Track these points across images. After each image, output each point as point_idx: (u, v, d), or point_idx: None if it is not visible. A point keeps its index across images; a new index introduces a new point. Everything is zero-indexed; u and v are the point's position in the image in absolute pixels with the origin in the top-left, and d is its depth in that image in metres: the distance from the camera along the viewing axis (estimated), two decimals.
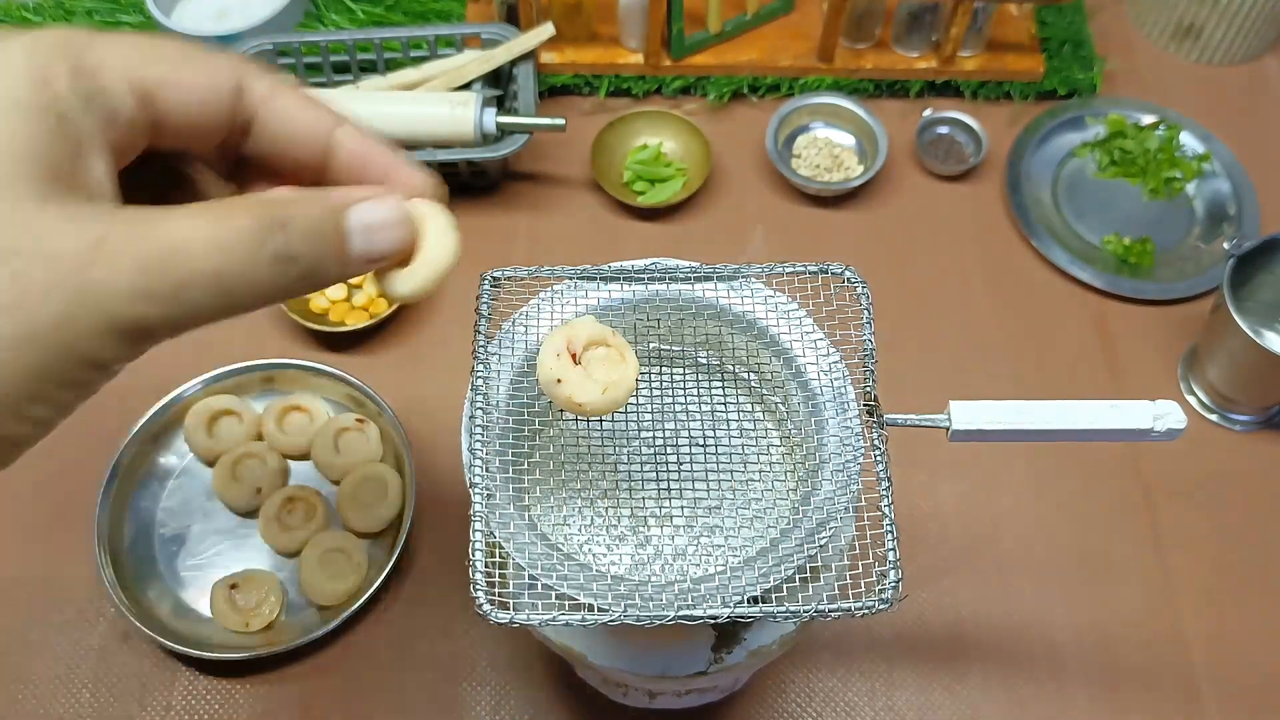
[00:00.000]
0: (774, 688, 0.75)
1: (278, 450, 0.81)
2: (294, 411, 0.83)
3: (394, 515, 0.78)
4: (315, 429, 0.82)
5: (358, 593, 0.75)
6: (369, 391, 0.82)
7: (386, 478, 0.79)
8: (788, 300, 0.56)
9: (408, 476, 0.79)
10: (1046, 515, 0.81)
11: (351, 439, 0.82)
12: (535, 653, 0.76)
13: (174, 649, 0.73)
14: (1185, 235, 0.96)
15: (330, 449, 0.81)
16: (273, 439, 0.81)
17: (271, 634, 0.75)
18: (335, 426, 0.82)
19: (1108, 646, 0.76)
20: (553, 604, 0.46)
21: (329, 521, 0.79)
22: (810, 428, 0.53)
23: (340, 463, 0.80)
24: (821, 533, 0.48)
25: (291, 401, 0.83)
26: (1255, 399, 0.83)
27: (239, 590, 0.75)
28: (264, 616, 0.75)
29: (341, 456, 0.81)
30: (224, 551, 0.79)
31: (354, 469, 0.79)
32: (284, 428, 0.82)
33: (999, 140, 0.99)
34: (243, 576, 0.76)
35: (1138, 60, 1.07)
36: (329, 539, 0.77)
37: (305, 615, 0.76)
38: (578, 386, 0.48)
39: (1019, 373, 0.88)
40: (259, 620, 0.75)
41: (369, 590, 0.74)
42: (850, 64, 1.01)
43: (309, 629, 0.74)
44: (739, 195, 0.97)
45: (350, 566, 0.76)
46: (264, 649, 0.73)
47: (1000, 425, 0.50)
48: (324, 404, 0.84)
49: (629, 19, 0.98)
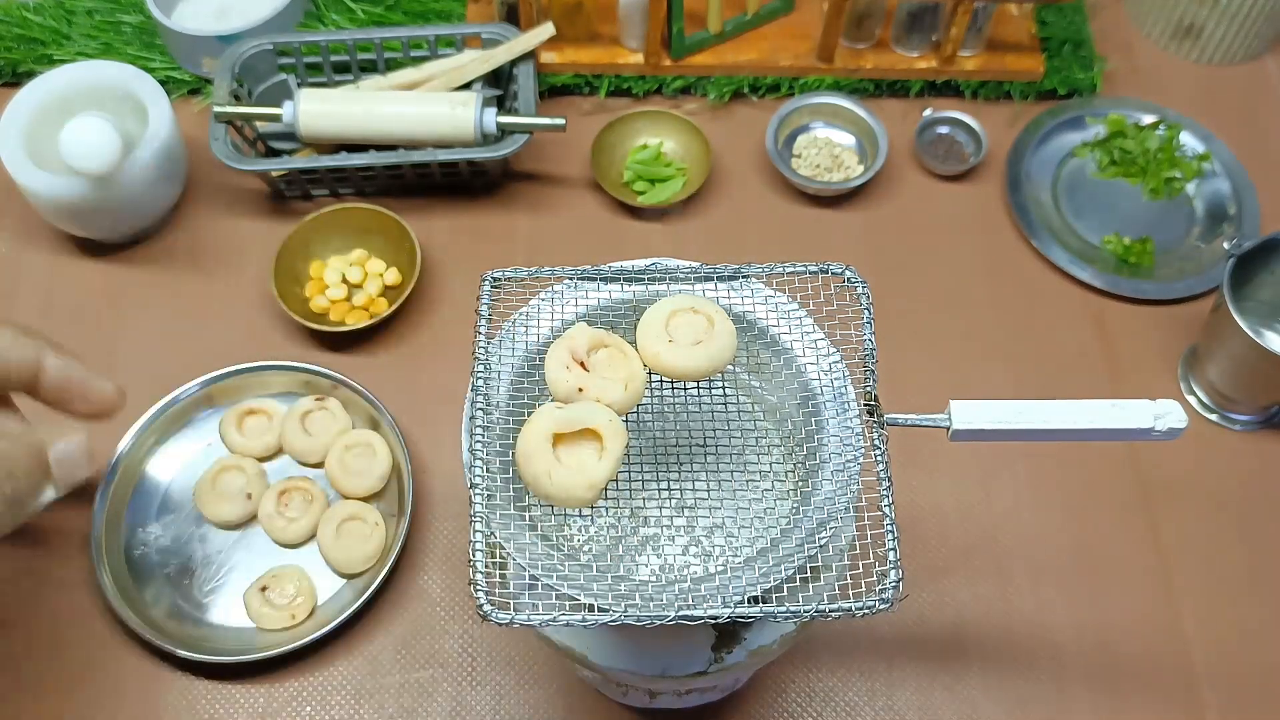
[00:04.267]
0: (774, 688, 0.75)
1: (248, 455, 0.81)
2: (249, 416, 0.83)
3: (388, 469, 0.79)
4: (278, 424, 0.82)
5: (387, 551, 0.76)
6: (317, 370, 0.83)
7: (368, 439, 0.80)
8: (788, 300, 0.56)
9: (386, 433, 0.80)
10: (1046, 515, 0.81)
11: (318, 419, 0.82)
12: (535, 652, 0.76)
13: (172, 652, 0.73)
14: (1185, 235, 0.96)
15: (301, 434, 0.81)
16: (239, 446, 0.81)
17: (315, 620, 0.75)
18: (298, 413, 0.82)
19: (1108, 646, 0.76)
20: (553, 604, 0.47)
21: (330, 499, 0.80)
22: (810, 428, 0.53)
23: (317, 444, 0.80)
24: (822, 533, 0.48)
25: (244, 407, 0.83)
26: (1255, 399, 0.83)
27: (271, 589, 0.76)
28: (305, 605, 0.75)
29: (315, 438, 0.81)
30: (236, 565, 0.79)
31: (332, 444, 0.80)
32: (245, 433, 0.82)
33: (999, 140, 0.99)
34: (270, 576, 0.76)
35: (1138, 60, 1.06)
36: (337, 512, 0.78)
37: (339, 593, 0.77)
38: (600, 389, 0.48)
39: (1019, 373, 0.88)
40: (302, 609, 0.75)
41: (400, 538, 0.76)
42: (850, 64, 1.01)
43: (346, 604, 0.74)
44: (739, 195, 0.97)
45: (368, 528, 0.77)
46: (264, 652, 0.73)
47: (1000, 425, 0.50)
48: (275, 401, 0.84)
49: (629, 19, 0.98)
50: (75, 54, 1.00)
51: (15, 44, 1.01)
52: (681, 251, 0.70)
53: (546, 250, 0.94)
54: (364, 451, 0.80)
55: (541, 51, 0.99)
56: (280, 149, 0.96)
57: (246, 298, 0.91)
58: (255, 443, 0.81)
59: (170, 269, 0.93)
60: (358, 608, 0.74)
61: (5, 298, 0.91)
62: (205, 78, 1.01)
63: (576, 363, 0.49)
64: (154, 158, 0.87)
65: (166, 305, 0.91)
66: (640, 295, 0.56)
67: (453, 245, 0.94)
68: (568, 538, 0.56)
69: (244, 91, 0.94)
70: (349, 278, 0.91)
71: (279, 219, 0.95)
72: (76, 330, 0.89)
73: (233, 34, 0.96)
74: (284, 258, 0.88)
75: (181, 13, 1.02)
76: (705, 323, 0.51)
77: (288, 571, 0.77)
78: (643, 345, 0.50)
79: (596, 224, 0.96)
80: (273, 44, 0.95)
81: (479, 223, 0.95)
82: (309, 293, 0.90)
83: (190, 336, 0.89)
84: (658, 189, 0.96)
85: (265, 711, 0.74)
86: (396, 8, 1.05)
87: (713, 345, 0.50)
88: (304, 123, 0.89)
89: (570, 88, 1.02)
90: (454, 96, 0.90)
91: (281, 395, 0.85)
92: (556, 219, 0.96)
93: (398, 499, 0.79)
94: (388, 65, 0.97)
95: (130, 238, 0.93)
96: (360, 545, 0.77)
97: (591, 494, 0.46)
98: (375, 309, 0.89)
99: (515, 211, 0.96)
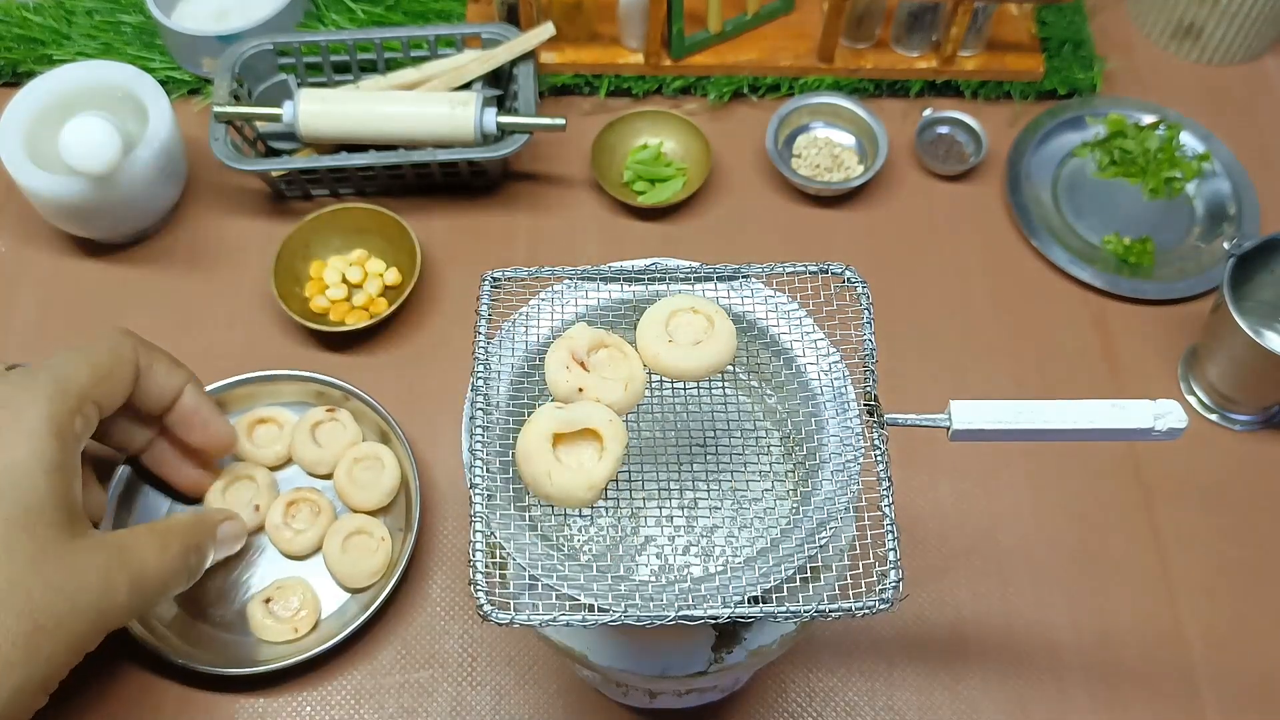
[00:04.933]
0: (774, 688, 0.75)
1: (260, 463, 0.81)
2: (260, 425, 0.82)
3: (396, 484, 0.79)
4: (288, 434, 0.81)
5: (393, 565, 0.76)
6: (330, 380, 0.82)
7: (377, 453, 0.80)
8: (788, 300, 0.56)
9: (396, 447, 0.80)
10: (1046, 515, 0.81)
11: (328, 430, 0.81)
12: (535, 652, 0.76)
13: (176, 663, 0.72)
14: (1185, 235, 0.96)
15: (311, 445, 0.81)
16: (250, 454, 0.80)
17: (319, 633, 0.75)
18: (309, 423, 0.81)
19: (1108, 646, 0.76)
20: (553, 604, 0.47)
21: (337, 512, 0.79)
22: (810, 428, 0.53)
23: (326, 455, 0.80)
24: (822, 533, 0.48)
25: (255, 415, 0.82)
26: (1255, 399, 0.83)
27: (275, 601, 0.75)
28: (309, 619, 0.75)
29: (325, 449, 0.81)
30: (240, 576, 0.78)
31: (341, 455, 0.80)
32: (256, 441, 0.81)
33: (999, 140, 0.99)
34: (274, 588, 0.76)
35: (1138, 60, 1.06)
36: (344, 525, 0.77)
37: (343, 606, 0.77)
38: (600, 390, 0.48)
39: (1019, 373, 0.88)
40: (305, 623, 0.75)
41: (405, 554, 0.75)
42: (850, 64, 1.01)
43: (350, 618, 0.74)
44: (739, 195, 0.97)
45: (374, 542, 0.77)
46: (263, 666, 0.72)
47: (1000, 425, 0.50)
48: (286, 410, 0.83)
49: (629, 19, 0.98)
50: (75, 54, 1.01)
51: (15, 44, 1.02)
52: (681, 251, 0.70)
53: (546, 250, 0.94)
54: (373, 465, 0.79)
55: (541, 51, 0.99)
56: (280, 149, 0.96)
57: (246, 298, 0.91)
58: (266, 451, 0.81)
59: (170, 269, 0.93)
60: (362, 623, 0.74)
61: (5, 298, 0.91)
62: (205, 78, 1.01)
63: (576, 363, 0.49)
64: (154, 158, 0.87)
65: (166, 305, 0.91)
66: (640, 295, 0.56)
67: (453, 245, 0.94)
68: (568, 538, 0.56)
69: (244, 91, 0.94)
70: (349, 278, 0.91)
71: (279, 219, 0.95)
72: (76, 330, 0.89)
73: (233, 34, 0.96)
74: (284, 258, 0.88)
75: (181, 13, 1.02)
76: (705, 323, 0.51)
77: (292, 584, 0.76)
78: (643, 345, 0.50)
79: (596, 224, 0.96)
80: (273, 44, 0.95)
81: (479, 223, 0.95)
82: (309, 293, 0.90)
83: (190, 337, 0.89)
84: (658, 189, 0.96)
85: (265, 712, 0.73)
86: (396, 8, 1.05)
87: (713, 345, 0.50)
88: (304, 123, 0.89)
89: (570, 88, 1.02)
90: (454, 96, 0.90)
91: (292, 404, 0.84)
92: (556, 219, 0.96)
93: (405, 513, 0.79)
94: (388, 65, 0.97)
95: (130, 238, 0.93)
96: (366, 560, 0.76)
97: (591, 494, 0.46)
98: (375, 309, 0.89)
99: (515, 211, 0.96)
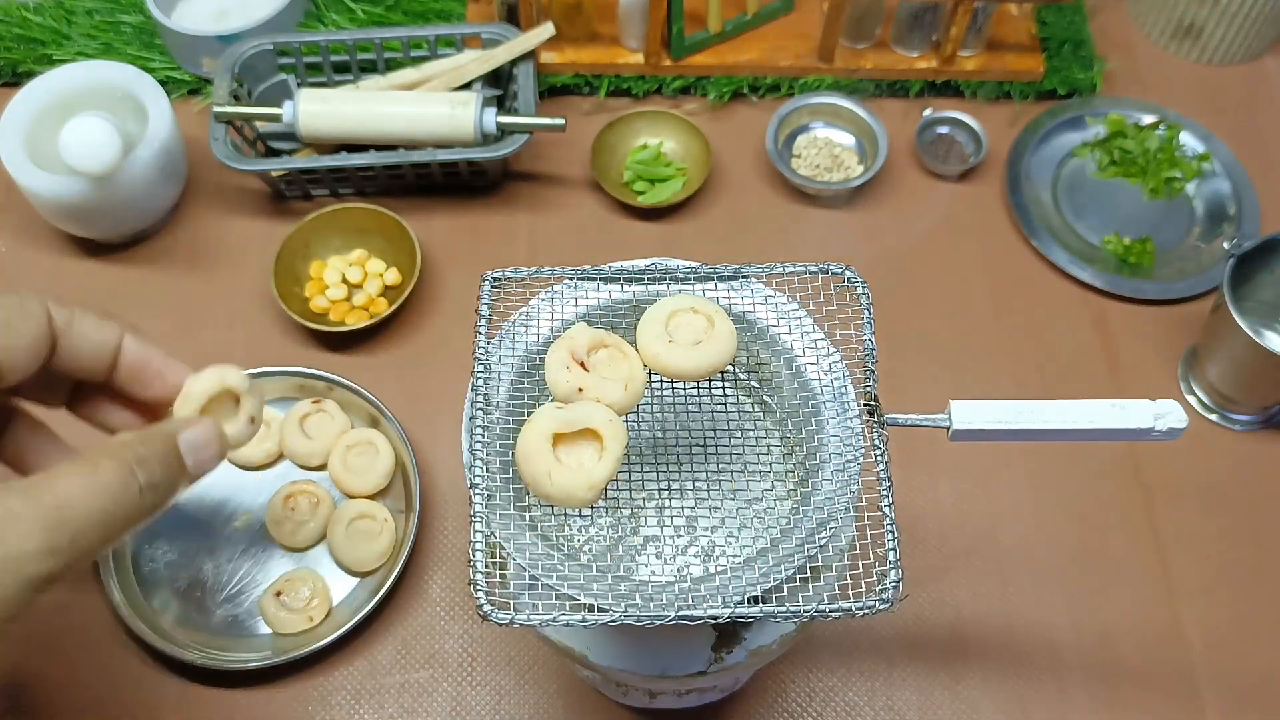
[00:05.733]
0: (774, 687, 0.75)
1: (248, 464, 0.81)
2: None
3: (392, 465, 0.79)
4: (276, 430, 0.82)
5: (399, 546, 0.76)
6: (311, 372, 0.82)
7: (369, 438, 0.80)
8: (788, 300, 0.56)
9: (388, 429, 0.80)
10: (1046, 515, 0.81)
11: (316, 421, 0.82)
12: (535, 652, 0.76)
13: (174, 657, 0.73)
14: (1185, 235, 0.96)
15: (301, 438, 0.81)
16: (239, 455, 0.80)
17: (333, 621, 0.75)
18: (296, 417, 0.81)
19: (1108, 646, 0.76)
20: (553, 604, 0.47)
21: (336, 501, 0.80)
22: (810, 428, 0.53)
23: (317, 447, 0.80)
24: (822, 533, 0.48)
25: None
26: (1255, 399, 0.83)
27: (286, 594, 0.76)
28: (322, 607, 0.75)
29: (315, 440, 0.81)
30: (249, 573, 0.78)
31: (333, 445, 0.80)
32: None
33: (999, 140, 0.99)
34: (283, 580, 0.76)
35: (1138, 60, 1.06)
36: (346, 512, 0.78)
37: (352, 593, 0.77)
38: (600, 390, 0.48)
39: (1019, 372, 0.88)
40: (319, 611, 0.75)
41: (411, 533, 0.76)
42: (850, 64, 1.01)
43: (361, 603, 0.74)
44: (739, 195, 0.97)
45: (378, 525, 0.77)
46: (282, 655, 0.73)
47: (1000, 425, 0.50)
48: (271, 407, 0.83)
49: (629, 19, 0.98)
50: (75, 54, 1.01)
51: (15, 44, 1.01)
52: (681, 251, 0.70)
53: (546, 250, 0.94)
54: (366, 449, 0.80)
55: (541, 51, 0.99)
56: (280, 149, 0.96)
57: (246, 298, 0.91)
58: (255, 450, 0.81)
59: (170, 269, 0.93)
60: (376, 603, 0.74)
61: None
62: (205, 78, 1.01)
63: (576, 363, 0.49)
64: (154, 158, 0.87)
65: (166, 305, 0.91)
66: (640, 295, 0.56)
67: (453, 245, 0.94)
68: (568, 538, 0.56)
69: (244, 91, 0.94)
70: (349, 278, 0.91)
71: (279, 219, 0.95)
72: None
73: (233, 34, 0.96)
74: (284, 258, 0.88)
75: (181, 13, 1.02)
76: (705, 323, 0.51)
77: (300, 575, 0.77)
78: (643, 345, 0.50)
79: (596, 224, 0.96)
80: (273, 44, 0.95)
81: (479, 223, 0.95)
82: (309, 293, 0.90)
83: (190, 337, 0.89)
84: (658, 189, 0.96)
85: (265, 714, 0.73)
86: (396, 8, 1.05)
87: (713, 345, 0.50)
88: (304, 123, 0.89)
89: (570, 88, 1.02)
90: (454, 96, 0.90)
91: (276, 401, 0.84)
92: (556, 219, 0.96)
93: (405, 494, 0.79)
94: (388, 65, 0.97)
95: (130, 238, 0.93)
96: (371, 542, 0.77)
97: (591, 494, 0.46)
98: (375, 309, 0.89)
99: (515, 211, 0.96)
